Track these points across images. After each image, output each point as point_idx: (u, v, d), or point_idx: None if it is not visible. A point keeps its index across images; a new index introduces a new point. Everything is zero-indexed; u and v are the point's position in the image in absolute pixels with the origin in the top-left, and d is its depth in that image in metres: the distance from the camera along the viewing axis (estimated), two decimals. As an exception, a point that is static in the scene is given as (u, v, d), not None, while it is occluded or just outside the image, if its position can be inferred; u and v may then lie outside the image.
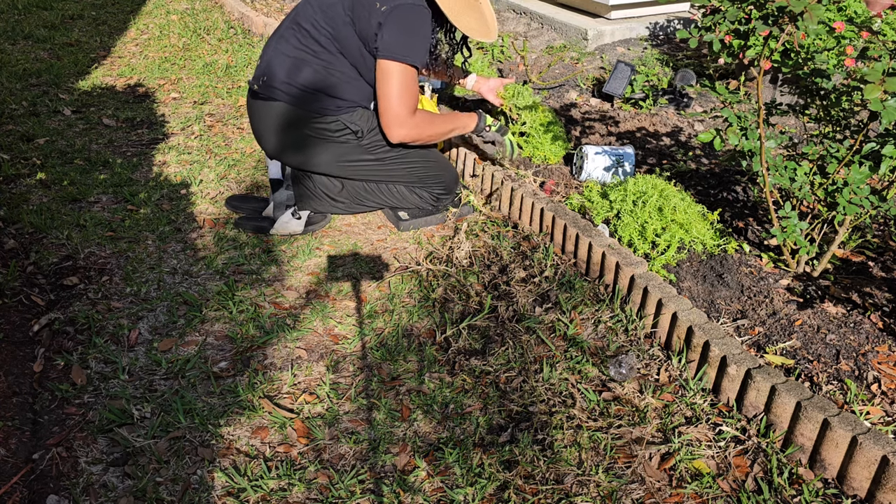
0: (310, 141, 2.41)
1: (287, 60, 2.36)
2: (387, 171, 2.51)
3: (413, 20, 2.26)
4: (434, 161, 2.56)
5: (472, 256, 2.34)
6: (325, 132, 2.39)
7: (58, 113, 3.48)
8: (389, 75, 2.28)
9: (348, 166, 2.47)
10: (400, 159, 2.49)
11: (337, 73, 2.35)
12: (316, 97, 2.36)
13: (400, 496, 1.54)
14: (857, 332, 1.86)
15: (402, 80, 2.29)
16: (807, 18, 1.60)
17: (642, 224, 2.21)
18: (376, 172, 2.50)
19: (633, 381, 1.83)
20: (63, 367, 1.87)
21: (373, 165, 2.48)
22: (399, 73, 2.28)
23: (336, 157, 2.44)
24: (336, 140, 2.41)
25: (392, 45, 2.24)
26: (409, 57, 2.26)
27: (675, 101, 3.36)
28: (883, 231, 2.31)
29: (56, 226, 2.49)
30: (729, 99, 2.01)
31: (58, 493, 1.52)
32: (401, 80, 2.29)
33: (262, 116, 2.43)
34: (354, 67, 2.36)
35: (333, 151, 2.43)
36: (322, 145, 2.42)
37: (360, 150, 2.44)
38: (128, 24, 4.99)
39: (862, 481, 1.48)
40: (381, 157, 2.47)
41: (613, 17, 4.26)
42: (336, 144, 2.42)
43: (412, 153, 2.51)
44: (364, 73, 2.37)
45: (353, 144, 2.43)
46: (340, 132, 2.40)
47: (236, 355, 1.93)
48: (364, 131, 2.42)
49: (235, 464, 1.61)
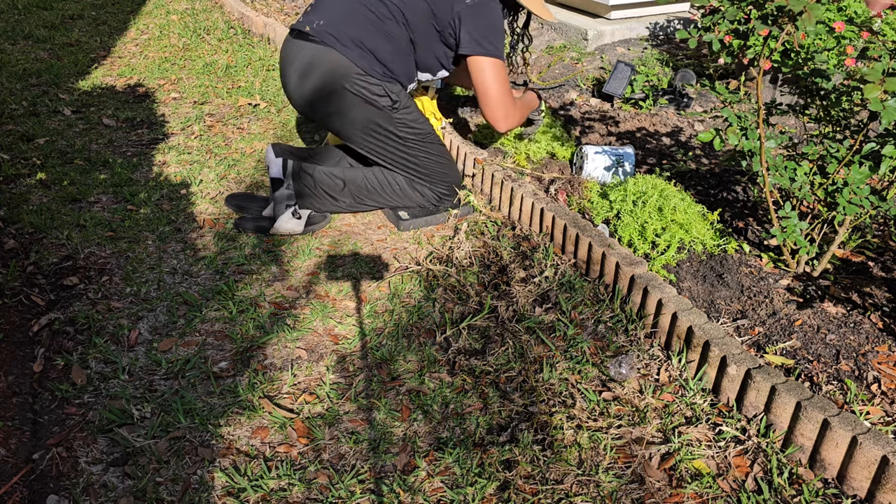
0: (346, 95, 2.39)
1: (350, 12, 2.37)
2: (403, 153, 2.50)
3: (496, 16, 2.39)
4: (446, 159, 2.58)
5: (472, 256, 2.34)
6: (364, 91, 2.37)
7: (58, 113, 3.48)
8: (485, 73, 2.40)
9: (371, 134, 2.45)
10: (420, 145, 2.50)
11: (394, 42, 2.38)
12: (366, 57, 2.36)
13: (400, 496, 1.54)
14: (857, 332, 1.86)
15: (501, 75, 2.41)
16: (806, 18, 1.60)
17: (642, 224, 2.21)
18: (393, 151, 2.49)
19: (633, 381, 1.83)
20: (63, 367, 1.87)
21: (393, 142, 2.47)
22: (497, 70, 2.40)
23: (365, 119, 2.42)
24: (372, 103, 2.39)
25: (482, 41, 2.36)
26: (499, 52, 2.39)
27: (675, 101, 3.36)
28: (883, 231, 2.31)
29: (56, 226, 2.49)
30: (729, 99, 2.01)
31: (58, 493, 1.52)
32: (500, 76, 2.41)
33: (305, 59, 2.39)
34: (412, 44, 2.40)
35: (365, 112, 2.41)
36: (356, 103, 2.39)
37: (389, 122, 2.44)
38: (128, 24, 4.99)
39: (862, 481, 1.48)
40: (404, 136, 2.47)
41: (613, 18, 4.26)
42: (370, 107, 2.40)
43: (432, 145, 2.53)
44: (420, 51, 2.43)
45: (385, 113, 2.42)
46: (379, 97, 2.39)
47: (236, 355, 1.93)
48: (400, 105, 2.43)
49: (235, 464, 1.61)
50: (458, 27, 2.36)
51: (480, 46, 2.35)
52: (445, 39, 2.41)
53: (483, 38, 2.35)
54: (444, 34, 2.39)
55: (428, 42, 2.41)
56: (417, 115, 2.50)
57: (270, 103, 3.62)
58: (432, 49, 2.43)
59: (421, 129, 2.49)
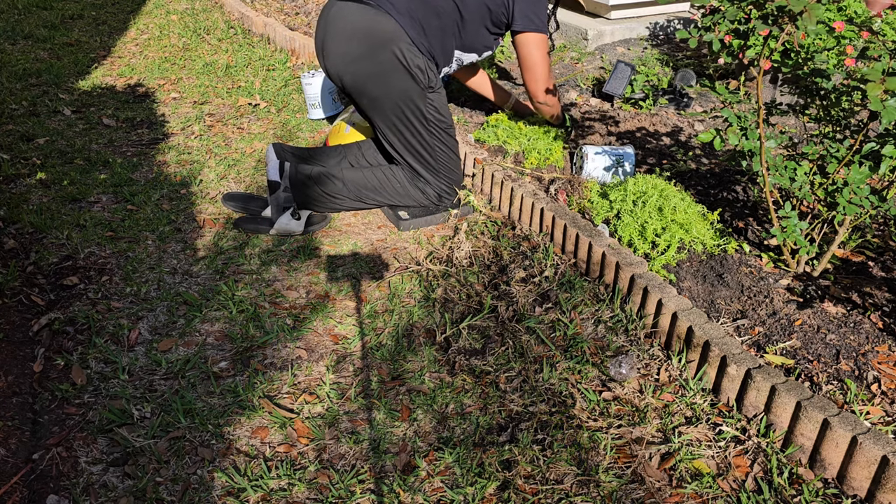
0: (392, 61, 2.36)
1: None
2: (422, 138, 2.50)
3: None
4: (457, 156, 2.60)
5: (472, 256, 2.34)
6: (410, 61, 2.37)
7: (58, 113, 3.48)
8: (535, 47, 2.46)
9: (402, 108, 2.44)
10: (440, 133, 2.51)
11: (442, 18, 2.41)
12: (416, 28, 2.38)
13: (400, 496, 1.54)
14: (857, 332, 1.86)
15: (545, 50, 2.48)
16: (806, 18, 1.60)
17: (642, 224, 2.21)
18: (414, 133, 2.49)
19: (633, 381, 1.83)
20: (63, 367, 1.87)
21: (418, 121, 2.48)
22: (545, 45, 2.47)
23: (402, 90, 2.41)
24: (413, 76, 2.39)
25: (533, 17, 2.42)
26: (545, 28, 2.45)
27: (675, 101, 3.36)
28: (883, 231, 2.31)
29: (56, 226, 2.49)
30: (729, 99, 2.01)
31: (58, 493, 1.52)
32: (544, 51, 2.48)
33: (358, 20, 2.36)
34: (460, 23, 2.44)
35: (404, 84, 2.40)
36: (399, 70, 2.38)
37: (422, 100, 2.45)
38: (128, 24, 4.99)
39: (862, 481, 1.48)
40: (428, 118, 2.48)
41: (613, 17, 4.26)
42: (410, 79, 2.40)
43: (450, 139, 2.55)
44: (467, 30, 2.46)
45: (421, 89, 2.42)
46: (421, 71, 2.39)
47: (236, 355, 1.93)
48: (435, 86, 2.45)
49: (235, 464, 1.61)
50: (512, 5, 2.43)
51: (531, 22, 2.43)
52: (496, 19, 2.46)
53: (534, 14, 2.43)
54: (497, 13, 2.44)
55: (478, 21, 2.45)
56: (445, 104, 2.53)
57: (270, 103, 3.62)
58: (481, 28, 2.47)
59: (445, 117, 2.53)
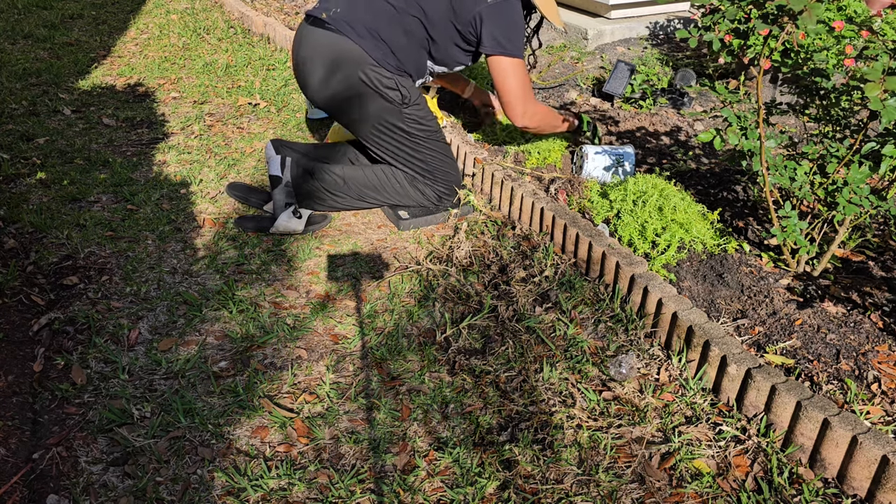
0: (359, 86, 2.39)
1: (368, 2, 2.37)
2: (409, 149, 2.51)
3: (517, 16, 2.39)
4: (450, 158, 2.59)
5: (472, 256, 2.34)
6: (377, 83, 2.38)
7: (58, 112, 3.48)
8: (506, 72, 2.40)
9: (380, 128, 2.46)
10: (426, 142, 2.51)
11: (410, 36, 2.39)
12: (381, 48, 2.37)
13: (400, 496, 1.54)
14: (857, 332, 1.85)
15: (521, 73, 2.42)
16: (806, 17, 1.60)
17: (642, 224, 2.21)
18: (400, 146, 2.50)
19: (633, 381, 1.83)
20: (63, 367, 1.87)
21: (401, 137, 2.48)
22: (518, 68, 2.40)
23: (375, 113, 2.43)
24: (383, 96, 2.40)
25: (503, 41, 2.36)
26: (518, 52, 2.39)
27: (675, 100, 3.36)
28: (883, 231, 2.31)
29: (56, 225, 2.49)
30: (729, 98, 2.01)
31: (58, 492, 1.52)
32: (520, 74, 2.41)
33: (320, 46, 2.39)
34: (429, 39, 2.41)
35: (376, 106, 2.42)
36: (368, 94, 2.40)
37: (398, 118, 2.45)
38: (128, 24, 4.98)
39: (862, 481, 1.48)
40: (411, 132, 2.48)
41: (613, 17, 4.26)
42: (381, 100, 2.41)
43: (438, 143, 2.54)
44: (437, 47, 2.44)
45: (395, 107, 2.43)
46: (391, 90, 2.40)
47: (236, 355, 1.93)
48: (411, 100, 2.44)
49: (235, 463, 1.61)
50: (480, 27, 2.36)
51: (501, 46, 2.36)
52: (465, 37, 2.42)
53: (505, 37, 2.36)
54: (465, 32, 2.40)
55: (447, 39, 2.42)
56: (426, 112, 2.51)
57: (270, 103, 3.62)
58: (451, 46, 2.44)
59: (429, 126, 2.51)
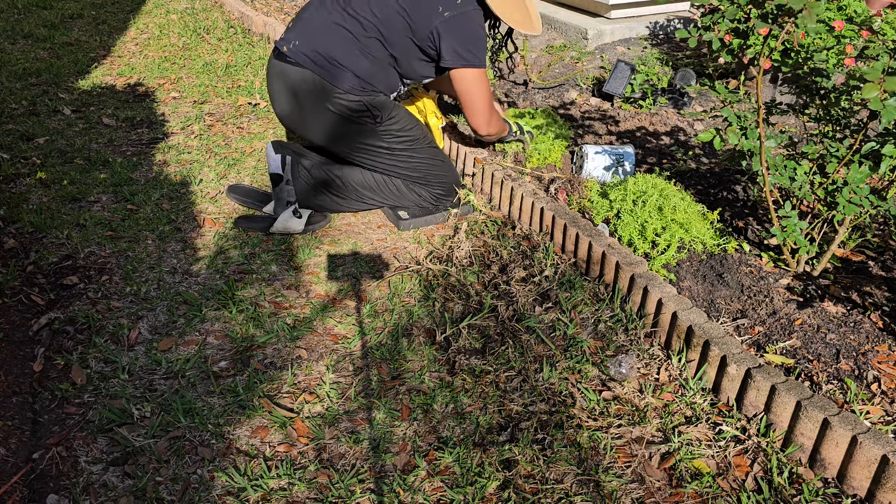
0: (327, 115, 2.40)
1: (326, 31, 2.36)
2: (394, 161, 2.51)
3: (476, 26, 2.37)
4: (441, 160, 2.58)
5: (472, 256, 2.34)
6: (345, 110, 2.38)
7: (58, 112, 3.48)
8: (469, 83, 2.40)
9: (358, 150, 2.47)
10: (409, 152, 2.50)
11: (372, 58, 2.37)
12: (343, 74, 2.36)
13: (400, 496, 1.54)
14: (857, 332, 1.85)
15: (483, 83, 2.41)
16: (805, 16, 1.60)
17: (642, 223, 2.21)
18: (384, 161, 2.50)
19: (633, 381, 1.83)
20: (63, 367, 1.87)
21: (382, 153, 2.48)
22: (479, 79, 2.39)
23: (350, 137, 2.44)
24: (354, 120, 2.41)
25: (463, 53, 2.34)
26: (480, 62, 2.37)
27: (675, 100, 3.36)
28: (883, 231, 2.31)
29: (56, 225, 2.48)
30: (729, 98, 2.01)
31: (58, 492, 1.52)
32: (482, 85, 2.41)
33: (285, 80, 2.41)
34: (392, 56, 2.39)
35: (348, 131, 2.43)
36: (339, 121, 2.41)
37: (374, 137, 2.45)
38: (127, 24, 4.98)
39: (862, 481, 1.48)
40: (391, 147, 2.48)
41: (613, 17, 4.26)
42: (353, 125, 2.42)
43: (423, 150, 2.53)
44: (402, 63, 2.42)
45: (369, 127, 2.43)
46: (360, 113, 2.40)
47: (236, 355, 1.93)
48: (383, 117, 2.43)
49: (235, 463, 1.61)
50: (438, 41, 2.34)
51: (461, 58, 2.35)
52: (426, 52, 2.40)
53: (464, 49, 2.34)
54: (424, 47, 2.38)
55: (409, 55, 2.40)
56: (405, 123, 2.49)
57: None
58: (414, 61, 2.42)
59: (408, 135, 2.50)
